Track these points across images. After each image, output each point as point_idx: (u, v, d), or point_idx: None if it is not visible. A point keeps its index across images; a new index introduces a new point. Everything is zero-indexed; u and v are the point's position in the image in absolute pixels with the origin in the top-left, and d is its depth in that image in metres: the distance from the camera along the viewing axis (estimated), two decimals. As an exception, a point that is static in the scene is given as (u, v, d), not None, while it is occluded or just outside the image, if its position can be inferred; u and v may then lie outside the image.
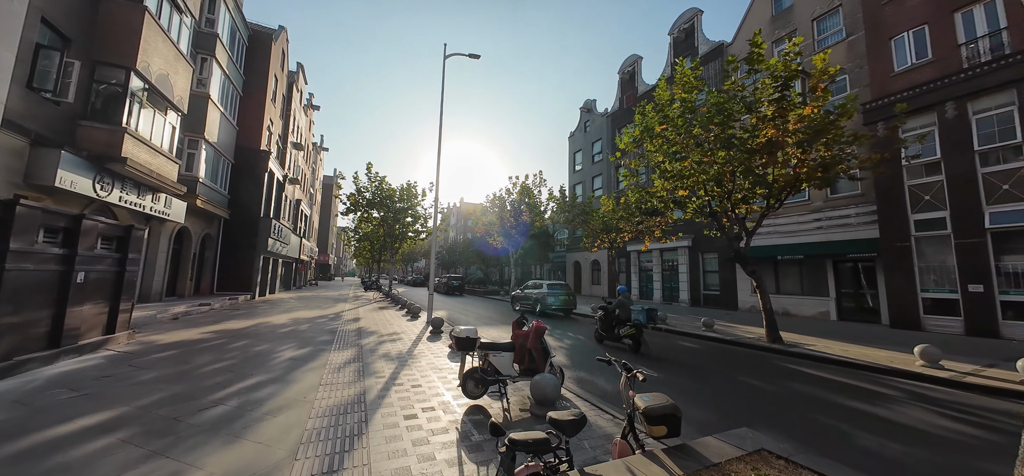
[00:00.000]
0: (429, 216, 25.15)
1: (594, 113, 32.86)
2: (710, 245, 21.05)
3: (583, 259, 32.22)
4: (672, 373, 6.80)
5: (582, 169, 33.73)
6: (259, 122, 20.69)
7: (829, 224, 15.96)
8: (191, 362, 6.23)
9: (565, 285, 16.88)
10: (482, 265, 52.34)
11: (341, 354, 7.17)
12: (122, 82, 10.53)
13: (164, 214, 13.10)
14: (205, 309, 13.92)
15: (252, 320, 11.58)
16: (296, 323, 11.32)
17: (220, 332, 9.22)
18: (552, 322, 13.96)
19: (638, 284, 26.02)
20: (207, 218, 17.82)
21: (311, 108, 34.65)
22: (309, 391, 4.93)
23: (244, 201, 20.02)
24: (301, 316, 13.20)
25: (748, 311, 18.47)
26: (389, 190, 23.39)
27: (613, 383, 5.93)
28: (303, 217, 34.35)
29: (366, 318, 13.04)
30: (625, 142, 11.61)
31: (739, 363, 7.89)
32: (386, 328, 10.81)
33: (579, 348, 9.15)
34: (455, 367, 6.37)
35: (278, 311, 14.56)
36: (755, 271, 10.46)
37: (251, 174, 20.23)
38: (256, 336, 8.86)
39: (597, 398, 4.98)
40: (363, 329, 10.49)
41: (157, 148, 11.91)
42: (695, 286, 21.89)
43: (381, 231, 24.50)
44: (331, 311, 15.23)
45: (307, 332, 9.72)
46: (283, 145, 25.67)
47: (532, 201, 26.30)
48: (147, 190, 11.99)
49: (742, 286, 19.15)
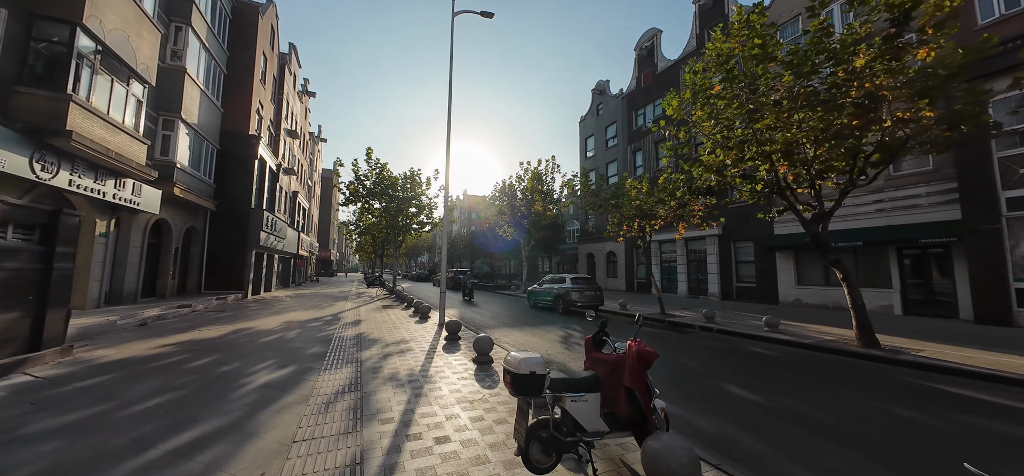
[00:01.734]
0: (434, 206, 23.31)
1: (607, 95, 30.78)
2: (743, 233, 19.15)
3: (598, 250, 30.38)
4: (769, 391, 4.99)
5: (595, 155, 31.74)
6: (246, 104, 18.81)
7: (893, 206, 14.03)
8: (121, 396, 4.46)
9: (591, 279, 15.06)
10: (488, 259, 50.58)
11: (333, 377, 5.38)
12: (66, 40, 8.68)
13: (133, 203, 11.31)
14: (185, 311, 12.19)
15: (234, 325, 9.83)
16: (285, 329, 9.55)
17: (187, 344, 7.46)
18: (574, 323, 12.17)
19: (660, 277, 24.18)
20: (190, 210, 16.04)
21: (306, 94, 32.69)
22: (274, 455, 3.14)
23: (232, 191, 18.22)
24: (294, 318, 11.45)
25: (792, 305, 16.62)
26: (391, 178, 21.54)
27: (721, 419, 4.15)
28: (301, 210, 32.57)
29: (368, 320, 11.29)
30: (673, 107, 9.69)
31: (844, 377, 6.06)
32: (391, 334, 9.03)
33: None
34: (488, 396, 4.58)
35: (269, 312, 12.81)
36: (839, 260, 8.59)
37: (239, 162, 18.41)
38: (230, 349, 7.09)
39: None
40: (364, 336, 8.71)
41: (117, 124, 10.08)
42: (726, 278, 20.02)
43: (383, 223, 22.68)
44: (329, 312, 13.48)
45: (295, 342, 7.94)
46: (276, 132, 23.81)
47: (544, 189, 24.41)
48: (107, 174, 10.18)
49: (783, 278, 17.27)
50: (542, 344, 8.54)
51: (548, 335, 9.70)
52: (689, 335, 10.04)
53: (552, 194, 24.64)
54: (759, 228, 18.25)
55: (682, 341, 9.15)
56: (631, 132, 27.22)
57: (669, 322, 11.92)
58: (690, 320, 11.92)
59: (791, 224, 17.03)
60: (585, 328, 10.88)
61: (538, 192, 24.22)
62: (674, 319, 12.14)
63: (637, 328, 3.45)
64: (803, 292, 16.51)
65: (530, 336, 9.55)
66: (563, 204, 25.45)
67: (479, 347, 6.30)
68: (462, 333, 8.48)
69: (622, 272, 27.44)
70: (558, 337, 9.46)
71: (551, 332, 10.17)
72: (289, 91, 25.66)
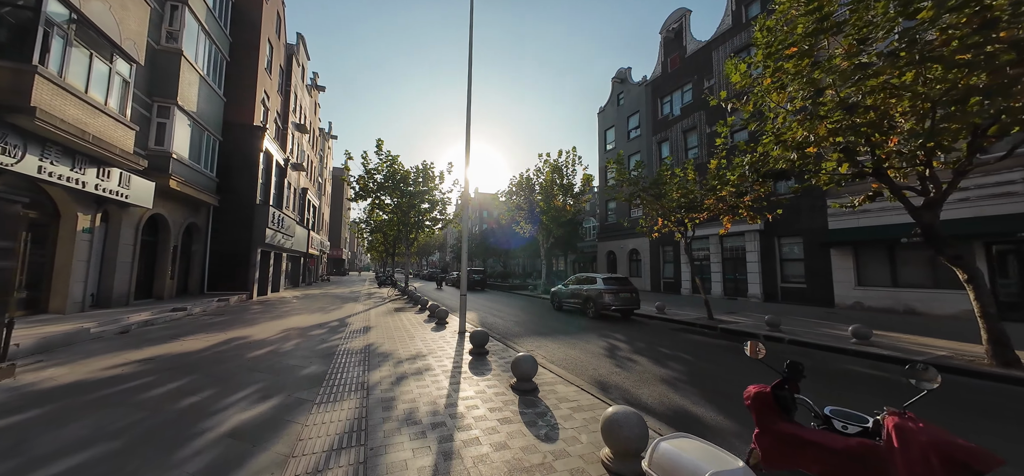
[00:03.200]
0: (448, 201, 21.98)
1: (629, 83, 29.00)
2: (789, 227, 17.27)
3: (619, 248, 28.66)
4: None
5: (615, 148, 29.99)
6: (251, 93, 17.73)
7: (980, 195, 12.09)
8: (28, 450, 3.13)
9: (626, 279, 13.48)
10: (500, 258, 49.15)
11: (328, 417, 3.99)
12: (32, 4, 7.51)
13: (121, 196, 10.18)
14: (179, 315, 11.04)
15: (227, 333, 8.58)
16: (283, 338, 8.26)
17: (162, 360, 6.19)
18: (613, 330, 10.63)
19: (689, 276, 22.36)
20: (190, 205, 14.99)
21: (316, 88, 31.73)
22: None
23: (236, 186, 17.16)
24: (296, 324, 10.19)
25: (851, 309, 14.75)
26: (403, 172, 20.27)
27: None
28: (311, 208, 31.66)
29: (379, 326, 9.95)
30: (741, 73, 8.05)
31: (1001, 411, 4.41)
32: (406, 346, 7.65)
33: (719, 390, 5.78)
34: (553, 460, 3.11)
35: (271, 316, 11.61)
36: (961, 257, 6.86)
37: (244, 154, 17.35)
38: (209, 368, 5.79)
39: None
40: (374, 348, 7.34)
41: (97, 105, 8.93)
42: (770, 278, 18.16)
43: (395, 219, 21.45)
44: (336, 316, 12.21)
45: (291, 357, 6.61)
46: (283, 125, 22.78)
47: (564, 182, 22.81)
48: (88, 161, 9.04)
49: (840, 277, 15.39)
50: (587, 360, 7.05)
51: (589, 347, 8.20)
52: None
53: (572, 188, 23.02)
54: (810, 221, 16.35)
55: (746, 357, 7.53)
56: (656, 122, 25.42)
57: (722, 329, 10.29)
58: (747, 327, 10.25)
59: (847, 217, 15.16)
60: (629, 337, 9.32)
61: (558, 186, 22.65)
62: (725, 325, 10.50)
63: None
64: (865, 294, 14.62)
65: (569, 348, 8.06)
66: (584, 198, 23.83)
67: (520, 370, 4.84)
68: (489, 344, 7.04)
69: (646, 271, 25.70)
70: (601, 349, 7.94)
71: (590, 342, 8.66)
72: (297, 84, 24.64)
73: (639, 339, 9.13)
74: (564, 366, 6.54)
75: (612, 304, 12.42)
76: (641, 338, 9.28)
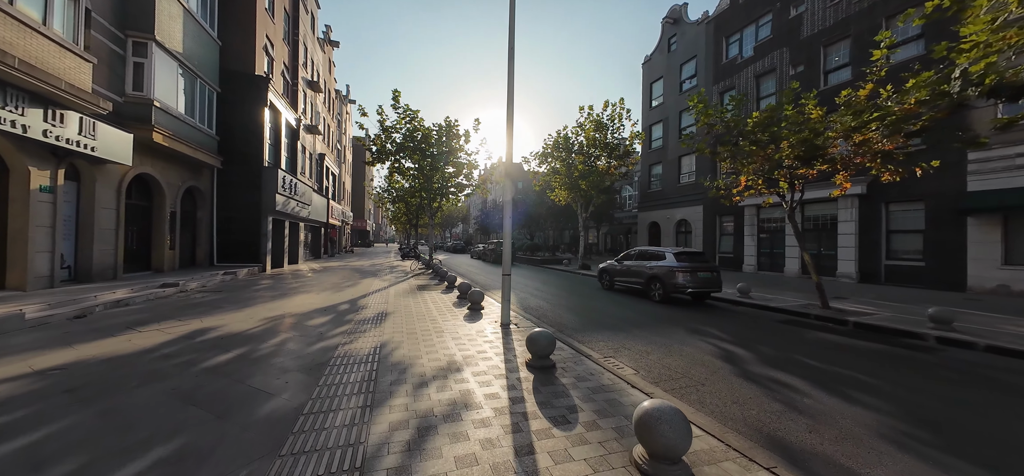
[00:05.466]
0: (475, 165, 19.45)
1: (684, 23, 24.80)
2: (905, 191, 13.67)
3: (664, 218, 25.47)
4: None
5: (663, 103, 26.19)
6: (250, 38, 15.49)
7: None
8: None
9: (702, 254, 10.75)
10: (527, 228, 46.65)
11: None
12: None
13: (86, 148, 8.27)
14: (169, 292, 9.35)
15: (201, 321, 6.66)
16: (269, 330, 6.22)
17: (77, 368, 4.21)
18: (688, 316, 8.03)
19: (755, 250, 19.15)
20: (189, 165, 13.21)
21: (329, 44, 29.26)
22: None
23: (242, 146, 15.29)
24: (297, 308, 8.21)
25: (991, 293, 11.47)
26: (424, 130, 17.79)
27: None
28: (331, 176, 30.00)
29: (397, 312, 7.81)
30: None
31: None
32: (432, 347, 5.40)
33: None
34: None
35: (272, 296, 9.75)
36: None
37: (247, 109, 15.34)
38: (112, 397, 3.75)
39: None
40: (387, 354, 5.14)
41: (30, 23, 6.82)
42: (870, 254, 14.79)
43: (418, 185, 19.20)
44: (350, 294, 10.23)
45: (261, 370, 4.49)
46: (292, 80, 20.61)
47: (609, 140, 19.66)
48: (27, 99, 7.05)
49: (979, 253, 11.98)
50: (706, 379, 4.56)
51: (688, 352, 5.70)
52: (930, 357, 5.62)
53: (618, 147, 19.86)
54: (938, 183, 12.77)
55: (937, 374, 4.81)
56: (718, 67, 21.46)
57: (855, 324, 7.50)
58: (888, 321, 7.39)
59: (999, 175, 11.56)
60: (734, 334, 6.70)
61: (601, 146, 19.55)
62: (855, 318, 7.69)
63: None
64: (1015, 275, 11.24)
65: (664, 354, 5.58)
66: (632, 160, 20.66)
67: (658, 439, 2.40)
68: (555, 355, 4.66)
69: (698, 245, 22.54)
70: (712, 357, 5.43)
71: (685, 343, 6.15)
72: (306, 33, 22.23)
73: (749, 338, 6.52)
74: (672, 387, 4.11)
75: (688, 285, 9.76)
76: (751, 336, 6.66)
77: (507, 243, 6.83)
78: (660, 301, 10.26)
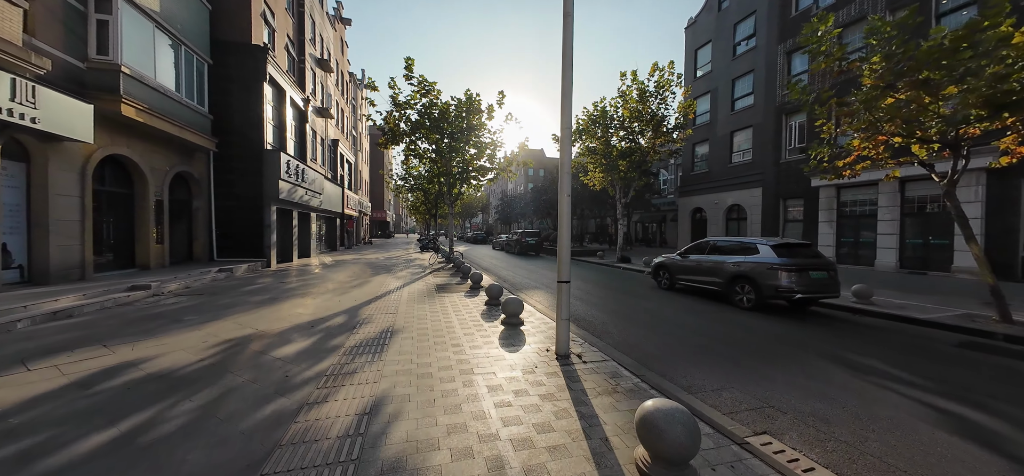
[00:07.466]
0: (499, 144, 17.19)
1: (738, -23, 21.42)
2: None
3: (711, 203, 22.52)
4: None
5: (712, 71, 23.02)
6: (245, 2, 13.68)
7: None
8: None
9: (809, 246, 8.17)
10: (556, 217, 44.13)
11: None
12: None
13: (21, 117, 6.55)
14: (137, 296, 7.68)
15: (148, 344, 4.81)
16: (218, 364, 4.31)
17: None
18: (808, 333, 5.59)
19: (834, 239, 16.13)
20: (177, 147, 11.59)
21: (340, 21, 27.44)
22: None
23: (240, 127, 13.63)
24: (279, 321, 6.31)
25: None
26: (442, 106, 15.66)
27: None
28: (346, 164, 28.49)
29: (409, 328, 5.75)
30: None
31: None
32: (454, 405, 3.28)
33: None
34: None
35: (260, 301, 7.92)
36: None
37: (244, 85, 13.62)
38: None
39: None
40: (383, 416, 3.07)
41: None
42: (1003, 243, 11.68)
43: (436, 169, 17.17)
44: (353, 299, 8.30)
45: (152, 466, 2.43)
46: (298, 57, 18.85)
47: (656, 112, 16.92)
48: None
49: None
50: None
51: (893, 417, 3.34)
52: None
53: (665, 120, 17.09)
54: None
55: None
56: (787, 22, 18.10)
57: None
58: None
59: None
60: (911, 364, 4.26)
61: (646, 119, 16.83)
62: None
63: None
64: None
65: (857, 424, 3.25)
66: (683, 134, 17.84)
67: None
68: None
69: (756, 233, 19.56)
70: (940, 425, 3.05)
71: (871, 398, 3.78)
72: (313, 6, 20.38)
73: (948, 377, 4.06)
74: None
75: (795, 289, 7.25)
76: (947, 375, 4.21)
77: (564, 233, 4.58)
78: (749, 308, 7.80)
